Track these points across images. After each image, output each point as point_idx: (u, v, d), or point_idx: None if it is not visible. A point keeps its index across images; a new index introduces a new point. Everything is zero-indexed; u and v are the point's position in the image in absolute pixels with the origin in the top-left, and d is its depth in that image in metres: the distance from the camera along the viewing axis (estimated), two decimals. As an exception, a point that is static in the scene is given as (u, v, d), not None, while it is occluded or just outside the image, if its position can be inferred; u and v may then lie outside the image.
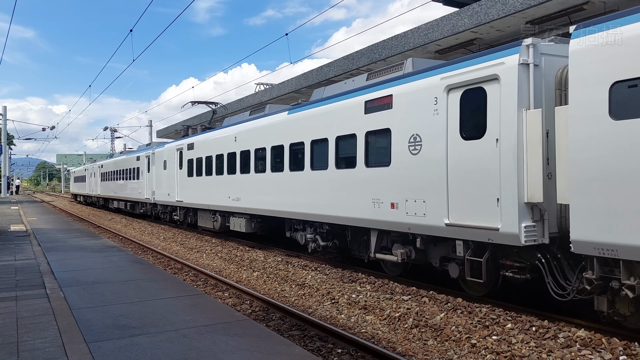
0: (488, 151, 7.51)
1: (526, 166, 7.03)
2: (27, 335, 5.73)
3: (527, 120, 7.04)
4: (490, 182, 7.45)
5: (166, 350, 5.24)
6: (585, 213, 6.22)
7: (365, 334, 7.38)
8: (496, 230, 7.31)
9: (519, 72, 7.09)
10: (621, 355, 5.87)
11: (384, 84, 9.76)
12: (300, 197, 12.17)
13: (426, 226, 8.62)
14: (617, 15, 6.17)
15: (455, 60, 8.44)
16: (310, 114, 11.94)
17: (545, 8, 11.96)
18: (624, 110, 5.85)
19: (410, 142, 8.91)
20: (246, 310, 8.81)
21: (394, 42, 16.33)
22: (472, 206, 7.78)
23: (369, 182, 9.92)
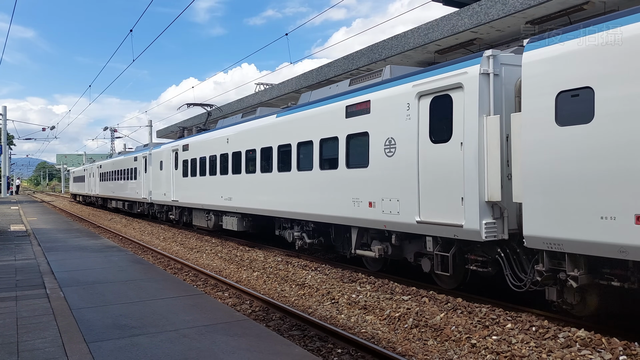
0: (454, 154, 8.09)
1: (486, 168, 7.61)
2: (27, 335, 5.73)
3: (487, 126, 7.63)
4: (456, 182, 8.02)
5: (166, 350, 5.24)
6: (535, 211, 6.78)
7: (365, 334, 7.38)
8: (460, 227, 7.91)
9: (480, 81, 7.68)
10: (621, 355, 5.87)
11: (363, 90, 10.36)
12: (288, 196, 12.73)
13: (400, 223, 9.19)
14: (565, 30, 6.75)
15: (426, 69, 9.06)
16: (297, 117, 12.56)
17: (545, 8, 11.96)
18: (568, 117, 6.43)
19: (386, 145, 9.50)
20: (246, 310, 8.81)
21: (394, 42, 16.34)
22: (440, 205, 8.38)
23: (349, 182, 10.50)
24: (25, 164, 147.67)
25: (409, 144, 8.95)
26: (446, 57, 15.26)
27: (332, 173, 11.07)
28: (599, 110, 6.09)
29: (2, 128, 50.31)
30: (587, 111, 6.21)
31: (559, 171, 6.49)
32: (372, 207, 9.83)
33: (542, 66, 6.78)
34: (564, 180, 6.43)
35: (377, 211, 9.68)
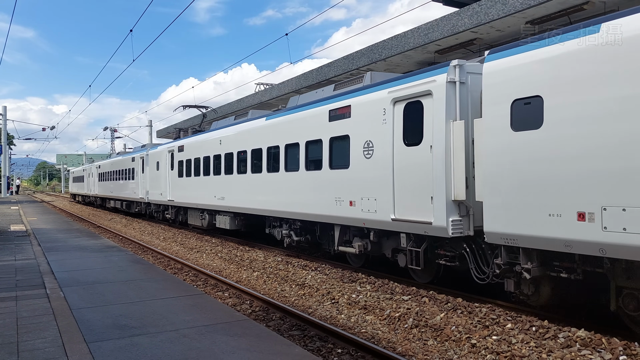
0: (424, 156, 8.67)
1: (453, 169, 8.20)
2: (27, 335, 5.73)
3: (453, 130, 8.20)
4: (426, 183, 8.63)
5: (166, 350, 5.24)
6: (494, 209, 7.36)
7: (365, 334, 7.38)
8: (430, 224, 8.51)
9: (447, 88, 8.27)
10: (621, 355, 5.87)
11: (344, 95, 10.95)
12: (277, 196, 13.32)
13: (377, 221, 9.81)
14: (518, 43, 7.33)
15: (401, 76, 9.73)
16: (285, 120, 13.14)
17: (545, 8, 11.96)
18: (521, 123, 6.99)
19: (365, 148, 10.09)
20: (246, 310, 8.81)
21: (394, 42, 16.34)
22: (412, 203, 8.98)
23: (332, 182, 11.09)
24: (25, 164, 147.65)
25: (385, 147, 9.52)
26: (446, 57, 15.25)
27: (316, 174, 11.65)
28: (547, 117, 6.66)
29: (2, 128, 50.32)
30: (538, 118, 6.78)
31: (514, 173, 7.06)
32: (352, 206, 10.42)
33: (500, 76, 7.33)
34: (518, 181, 7.00)
35: (357, 210, 10.25)
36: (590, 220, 6.15)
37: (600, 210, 6.08)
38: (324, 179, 11.37)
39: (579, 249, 6.33)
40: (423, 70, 9.16)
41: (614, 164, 5.97)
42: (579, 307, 7.47)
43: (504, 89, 7.25)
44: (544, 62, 6.74)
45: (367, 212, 9.99)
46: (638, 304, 6.19)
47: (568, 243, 6.39)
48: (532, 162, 6.83)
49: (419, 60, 16.54)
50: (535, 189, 6.78)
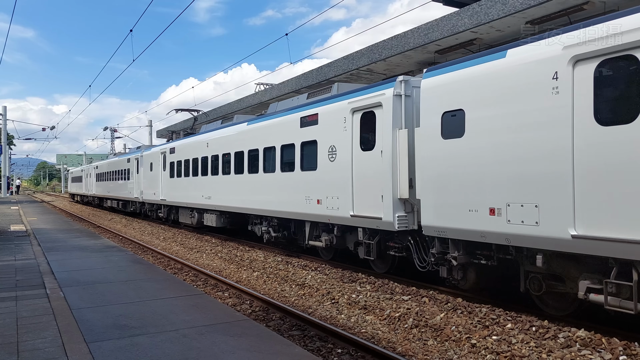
0: (376, 160, 9.85)
1: (399, 171, 9.38)
2: (27, 335, 5.73)
3: (399, 137, 9.38)
4: (378, 183, 9.78)
5: (166, 350, 5.24)
6: (428, 206, 8.59)
7: (365, 334, 7.38)
8: (380, 219, 9.69)
9: (394, 101, 9.45)
10: (621, 355, 5.87)
11: (313, 104, 12.07)
12: (256, 195, 14.51)
13: (339, 217, 10.98)
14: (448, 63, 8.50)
15: (360, 89, 10.74)
16: (263, 125, 14.34)
17: (545, 8, 11.95)
18: (449, 132, 8.15)
19: (329, 152, 11.25)
20: (246, 310, 8.81)
21: (394, 42, 16.33)
22: (367, 201, 10.13)
23: (303, 183, 12.21)
24: (25, 164, 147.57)
25: (345, 151, 10.69)
26: (446, 57, 15.25)
27: (290, 175, 12.80)
28: (468, 127, 7.83)
29: (2, 128, 50.31)
30: (461, 128, 7.96)
31: (443, 175, 8.28)
32: (319, 204, 11.57)
33: (433, 91, 8.51)
34: (447, 182, 8.21)
35: (323, 207, 11.41)
36: (499, 215, 7.33)
37: (505, 206, 7.24)
38: (296, 179, 12.52)
39: (491, 238, 7.53)
40: (377, 84, 10.32)
41: (515, 168, 7.12)
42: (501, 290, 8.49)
43: (436, 103, 8.43)
44: (466, 80, 7.92)
45: (331, 209, 11.16)
46: (540, 285, 7.23)
47: (483, 234, 7.60)
48: (457, 166, 8.02)
49: (419, 60, 16.53)
50: (459, 188, 7.97)
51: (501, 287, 8.42)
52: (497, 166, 7.38)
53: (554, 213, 6.64)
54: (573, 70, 6.51)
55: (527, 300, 7.81)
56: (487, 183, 7.51)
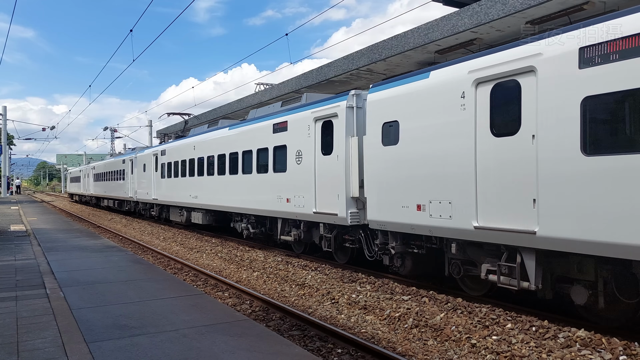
0: (334, 163, 11.16)
1: (351, 173, 10.71)
2: (27, 335, 5.73)
3: (351, 144, 10.71)
4: (335, 183, 11.07)
5: (166, 350, 5.24)
6: (372, 203, 9.96)
7: (365, 334, 7.38)
8: (336, 215, 11.04)
9: (347, 112, 10.79)
10: (621, 355, 5.87)
11: (284, 112, 13.36)
12: (236, 195, 15.83)
13: (305, 214, 12.22)
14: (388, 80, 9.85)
15: (322, 100, 12.00)
16: (243, 130, 15.66)
17: (545, 8, 11.95)
18: (387, 140, 9.53)
19: (296, 155, 12.49)
20: (246, 310, 8.81)
21: (394, 42, 16.33)
22: (327, 200, 11.39)
23: (275, 183, 13.49)
24: (25, 164, 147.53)
25: (309, 155, 11.95)
26: (446, 57, 15.24)
27: (264, 176, 14.12)
28: (401, 136, 9.19)
29: (2, 128, 50.29)
30: (396, 136, 9.30)
31: (383, 177, 9.66)
32: (289, 202, 12.81)
33: (376, 104, 9.87)
34: (385, 183, 9.58)
35: (292, 205, 12.66)
36: (424, 210, 8.70)
37: (428, 203, 8.61)
38: (269, 180, 13.85)
39: (419, 230, 8.95)
40: (335, 96, 11.71)
41: (435, 171, 8.47)
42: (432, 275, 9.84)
43: (378, 114, 9.77)
44: (400, 96, 9.27)
45: (298, 207, 12.44)
46: (459, 269, 8.50)
47: (413, 227, 9.02)
48: (393, 169, 9.39)
49: (419, 60, 16.52)
50: (395, 188, 9.35)
51: (432, 273, 9.75)
52: (422, 169, 8.76)
53: (463, 208, 7.97)
54: (475, 90, 7.80)
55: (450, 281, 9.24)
56: (415, 184, 8.92)
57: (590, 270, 6.68)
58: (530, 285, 7.09)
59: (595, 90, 6.25)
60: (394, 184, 9.38)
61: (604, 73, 6.19)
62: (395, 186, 9.36)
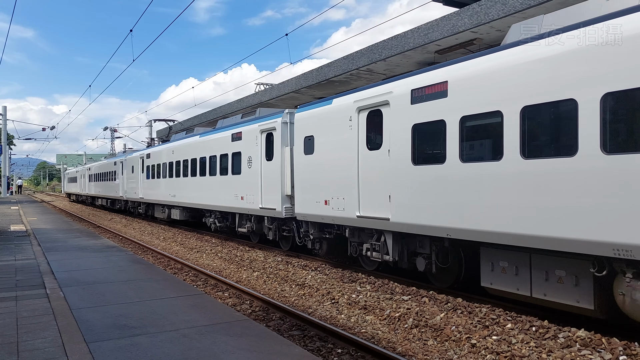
0: (274, 167, 13.59)
1: (285, 176, 13.11)
2: (27, 335, 5.73)
3: (285, 152, 13.17)
4: (275, 184, 13.48)
5: (166, 350, 5.24)
6: (298, 199, 12.36)
7: (365, 334, 7.38)
8: (275, 210, 13.48)
9: (282, 126, 13.30)
10: (621, 355, 5.87)
11: (240, 124, 15.99)
12: (205, 194, 18.22)
13: (254, 209, 14.78)
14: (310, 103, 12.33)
15: (266, 115, 14.48)
16: (210, 138, 18.21)
17: (545, 8, 11.94)
18: (307, 150, 11.92)
19: (248, 161, 15.01)
20: (246, 310, 8.81)
21: (394, 42, 16.33)
22: (269, 197, 13.82)
23: (233, 184, 15.89)
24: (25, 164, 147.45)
25: (257, 161, 14.46)
26: (446, 57, 15.24)
27: (225, 177, 16.55)
28: (316, 147, 11.63)
29: (2, 128, 50.28)
30: (312, 148, 11.75)
31: (305, 179, 12.11)
32: (243, 200, 15.29)
33: (300, 122, 12.29)
34: (306, 183, 12.05)
35: (245, 202, 15.15)
36: (328, 204, 11.11)
37: (331, 199, 11.04)
38: (229, 181, 16.26)
39: (327, 220, 11.35)
40: (275, 113, 14.13)
41: (335, 174, 10.92)
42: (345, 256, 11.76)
43: (301, 129, 12.21)
44: (315, 116, 11.72)
45: (249, 203, 14.90)
46: (357, 249, 10.87)
47: (322, 217, 11.43)
48: (311, 172, 11.84)
49: (419, 60, 16.52)
50: (312, 188, 11.79)
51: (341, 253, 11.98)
52: (328, 173, 11.20)
53: (351, 202, 10.43)
54: (358, 115, 10.33)
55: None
56: (324, 184, 11.33)
57: (427, 246, 9.17)
58: (389, 258, 9.69)
59: (418, 120, 8.74)
60: (311, 185, 11.85)
61: (419, 108, 8.72)
62: (312, 186, 11.80)
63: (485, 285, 7.92)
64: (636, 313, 6.11)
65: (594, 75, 6.20)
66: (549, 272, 6.99)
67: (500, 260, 7.61)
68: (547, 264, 7.00)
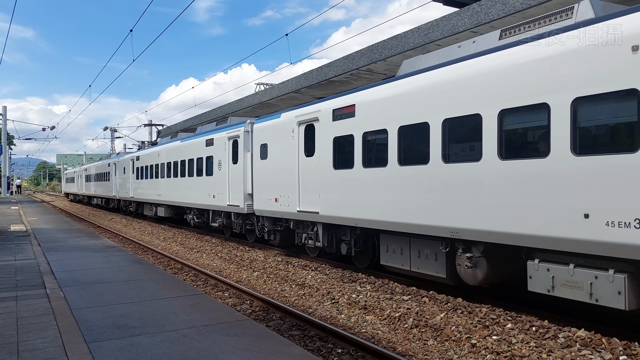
0: (239, 170, 15.69)
1: (247, 177, 15.20)
2: (27, 335, 5.73)
3: (246, 157, 15.29)
4: (239, 184, 15.64)
5: (166, 350, 5.24)
6: (256, 197, 14.52)
7: (365, 334, 7.38)
8: (239, 207, 15.64)
9: (244, 135, 15.46)
10: (621, 355, 5.87)
11: (210, 132, 18.29)
12: (185, 193, 20.47)
13: (223, 206, 16.87)
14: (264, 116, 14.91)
15: (234, 124, 16.58)
16: (189, 142, 20.41)
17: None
18: (262, 155, 14.11)
19: (218, 164, 17.15)
20: (246, 310, 8.81)
21: (394, 42, 16.33)
22: (235, 196, 15.96)
23: (207, 184, 18.08)
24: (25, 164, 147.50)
25: (226, 164, 16.57)
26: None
27: (201, 178, 18.69)
28: (269, 153, 13.77)
29: (2, 128, 50.29)
30: (267, 153, 13.90)
31: (261, 180, 14.27)
32: (214, 198, 17.38)
33: (257, 131, 14.56)
34: (262, 184, 14.18)
35: (217, 200, 17.24)
36: (277, 201, 13.18)
37: (280, 197, 13.05)
38: (203, 182, 18.39)
39: (278, 215, 13.44)
40: (240, 122, 16.22)
41: (282, 176, 12.95)
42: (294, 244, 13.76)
43: (258, 138, 14.42)
44: (268, 127, 13.99)
45: (220, 201, 17.01)
46: (301, 239, 12.77)
47: (274, 213, 13.59)
48: (265, 174, 13.99)
49: (419, 60, 16.50)
50: (266, 187, 13.92)
51: (292, 243, 13.84)
52: (278, 175, 13.26)
53: (294, 199, 12.46)
54: (298, 128, 12.38)
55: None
56: (275, 184, 13.39)
57: (347, 234, 11.30)
58: (320, 244, 11.96)
59: (338, 133, 10.92)
60: (266, 185, 13.94)
61: (339, 124, 10.89)
62: (266, 186, 13.92)
63: (384, 263, 10.23)
64: (467, 278, 8.27)
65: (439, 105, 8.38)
66: (420, 251, 9.25)
67: (392, 243, 9.90)
68: (419, 246, 9.25)
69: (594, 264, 6.38)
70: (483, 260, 7.99)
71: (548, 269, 6.81)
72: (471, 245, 8.10)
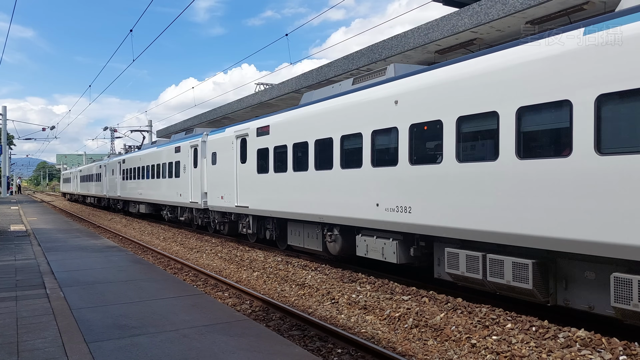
0: (199, 172, 18.86)
1: (204, 178, 18.42)
2: (27, 335, 5.73)
3: (202, 162, 18.65)
4: (198, 184, 18.89)
5: (166, 350, 5.24)
6: (209, 195, 17.98)
7: (365, 334, 7.38)
8: (197, 203, 19.03)
9: (201, 144, 18.90)
10: (621, 355, 5.87)
11: (178, 140, 21.94)
12: (160, 192, 23.83)
13: (187, 203, 20.25)
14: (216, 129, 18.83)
15: (195, 135, 20.06)
16: (162, 149, 23.90)
17: (545, 8, 11.93)
18: (213, 161, 17.60)
19: (183, 168, 20.58)
20: (246, 310, 8.81)
21: (394, 42, 16.32)
22: (195, 194, 19.25)
23: (175, 184, 21.46)
24: (25, 164, 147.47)
25: (189, 168, 19.96)
26: (446, 56, 15.23)
27: (172, 180, 22.14)
28: (218, 160, 17.15)
29: (2, 128, 50.27)
30: (216, 160, 17.29)
31: (212, 181, 17.64)
32: (181, 196, 20.81)
33: (210, 142, 18.02)
34: (213, 184, 17.53)
35: (182, 198, 20.60)
36: (223, 198, 16.48)
37: (224, 194, 16.41)
38: (173, 183, 21.87)
39: (223, 209, 16.75)
40: (197, 133, 19.96)
41: (225, 178, 16.29)
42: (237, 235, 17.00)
43: (210, 147, 17.89)
44: (217, 139, 17.32)
45: (184, 199, 20.35)
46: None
47: (220, 208, 16.98)
48: (214, 176, 17.39)
49: (420, 60, 16.51)
50: (215, 187, 17.23)
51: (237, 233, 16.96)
52: (223, 177, 16.55)
53: (233, 197, 15.79)
54: (236, 140, 15.71)
55: None
56: (221, 185, 16.65)
57: (271, 223, 14.58)
58: (251, 231, 15.34)
59: (260, 146, 14.26)
60: (215, 185, 17.27)
61: (260, 139, 14.29)
62: (215, 186, 17.24)
63: (290, 244, 13.50)
64: (331, 249, 11.76)
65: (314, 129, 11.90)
66: (309, 233, 12.52)
67: (295, 228, 13.17)
68: (310, 229, 12.50)
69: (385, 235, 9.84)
70: (339, 237, 11.35)
71: (365, 240, 10.39)
72: (333, 227, 11.46)
